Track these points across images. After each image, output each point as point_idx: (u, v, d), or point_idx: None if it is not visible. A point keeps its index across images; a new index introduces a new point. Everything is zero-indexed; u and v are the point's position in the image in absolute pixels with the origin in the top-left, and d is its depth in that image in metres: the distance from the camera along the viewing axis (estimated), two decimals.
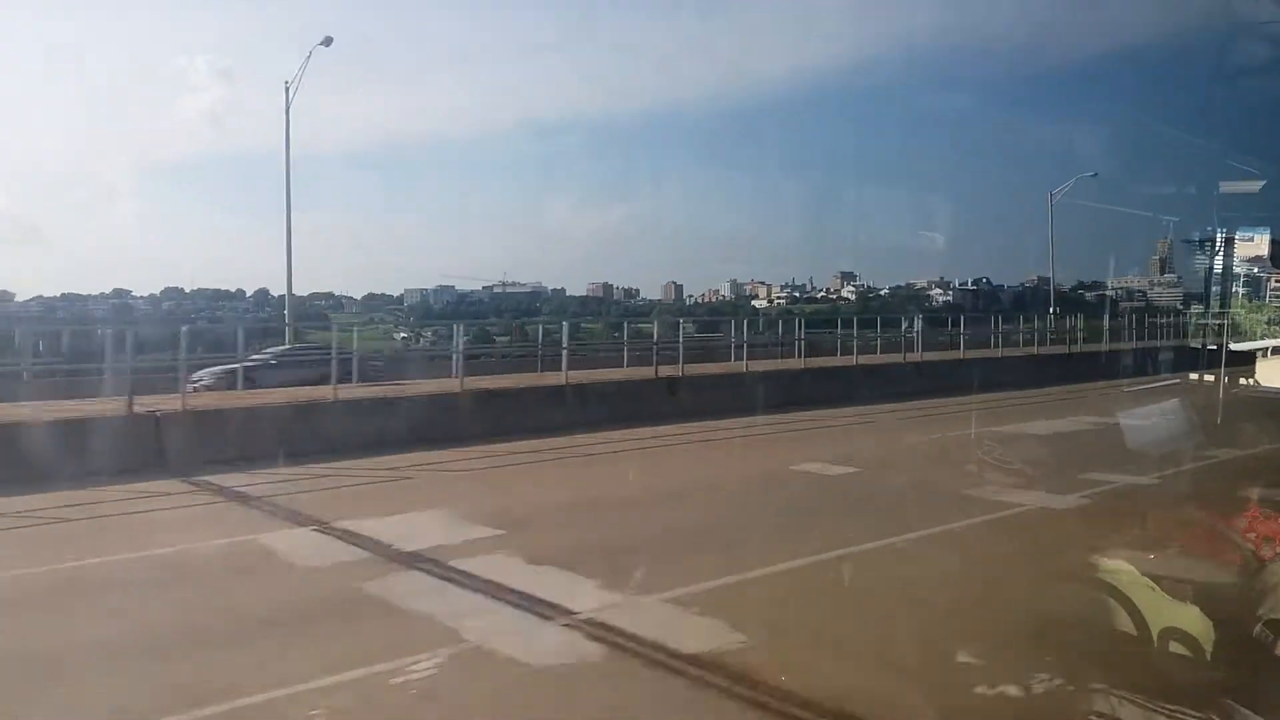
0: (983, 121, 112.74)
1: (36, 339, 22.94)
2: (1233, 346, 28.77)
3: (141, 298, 56.97)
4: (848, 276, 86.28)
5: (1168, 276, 76.93)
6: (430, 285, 67.39)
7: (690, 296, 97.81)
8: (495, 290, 76.49)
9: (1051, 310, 40.35)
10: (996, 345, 29.27)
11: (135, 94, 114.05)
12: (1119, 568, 5.32)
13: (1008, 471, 11.94)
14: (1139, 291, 74.98)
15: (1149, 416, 15.31)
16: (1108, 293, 76.92)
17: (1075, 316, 36.96)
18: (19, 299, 59.50)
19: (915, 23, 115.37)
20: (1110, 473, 12.35)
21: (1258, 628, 4.59)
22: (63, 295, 58.69)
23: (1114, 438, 13.74)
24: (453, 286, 68.18)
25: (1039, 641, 5.60)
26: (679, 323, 22.32)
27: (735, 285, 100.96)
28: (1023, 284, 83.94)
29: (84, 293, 58.71)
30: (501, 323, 53.07)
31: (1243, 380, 23.63)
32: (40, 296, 58.68)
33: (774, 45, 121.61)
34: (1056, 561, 7.60)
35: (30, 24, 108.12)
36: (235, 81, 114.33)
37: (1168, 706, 4.48)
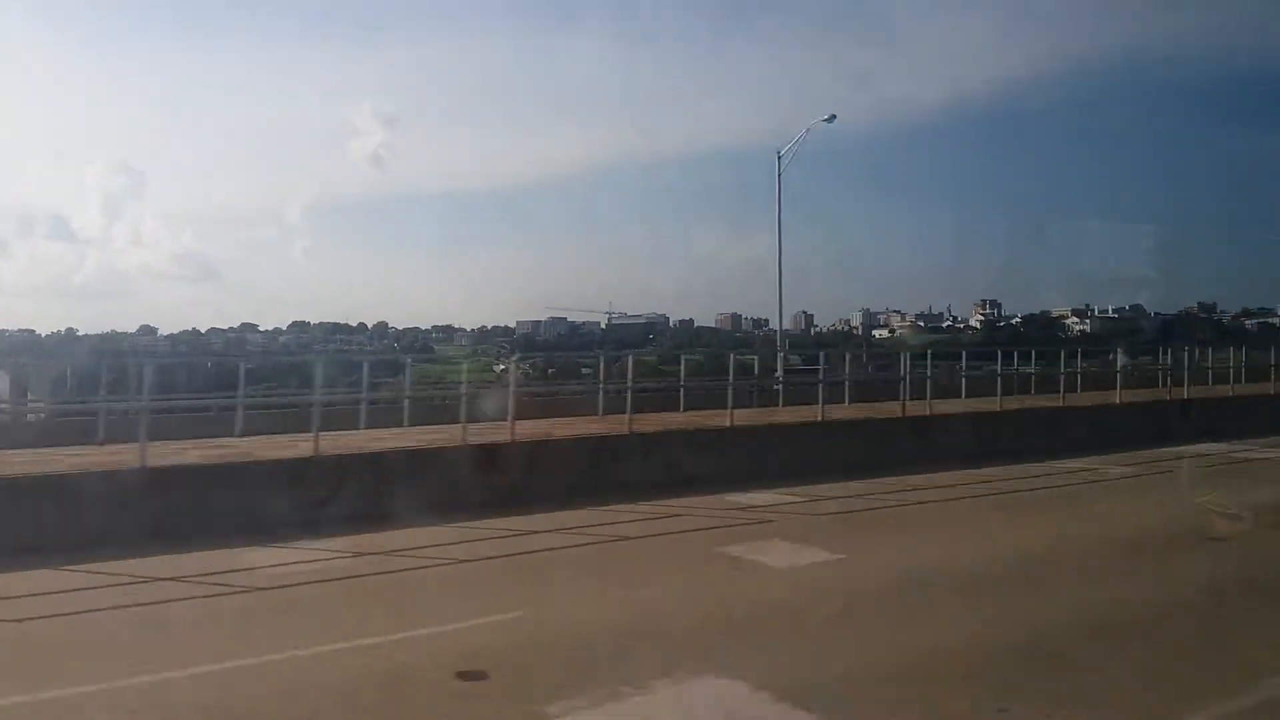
0: (1143, 137, 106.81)
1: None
2: None
3: (265, 331, 59.14)
4: (990, 304, 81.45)
5: None
6: (543, 317, 67.43)
7: (816, 326, 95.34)
8: (614, 320, 76.15)
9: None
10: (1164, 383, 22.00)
11: (306, 139, 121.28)
12: None
13: None
14: None
15: None
16: (1275, 321, 70.29)
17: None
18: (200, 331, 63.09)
19: (1069, 42, 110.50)
20: None
21: None
22: (208, 330, 61.86)
23: None
24: (565, 318, 67.93)
25: None
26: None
27: (868, 314, 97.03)
28: (1183, 310, 77.61)
29: (220, 326, 61.69)
30: (591, 356, 51.80)
31: None
32: (194, 329, 62.09)
33: (923, 68, 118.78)
34: None
35: (206, 73, 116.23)
36: (397, 126, 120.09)
37: None
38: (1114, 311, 61.43)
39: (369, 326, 62.86)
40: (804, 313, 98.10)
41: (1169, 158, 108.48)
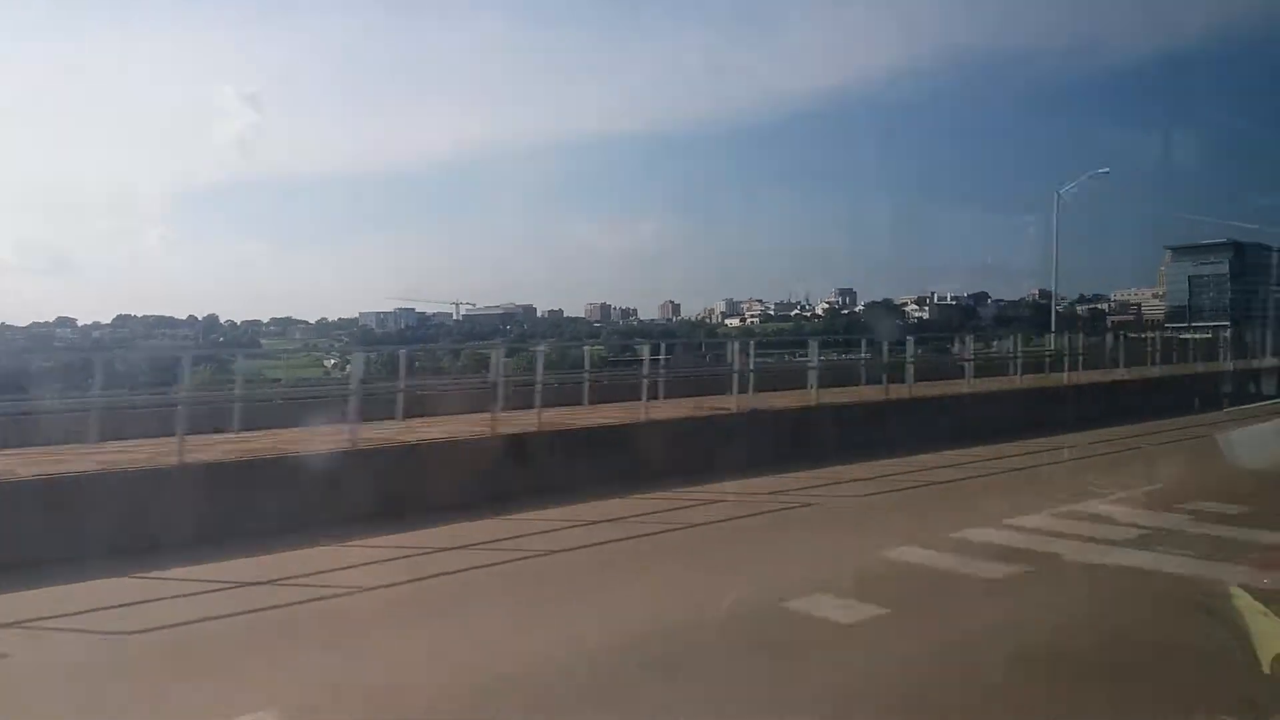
0: (994, 130, 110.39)
1: None
2: None
3: (82, 325, 55.63)
4: (844, 292, 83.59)
5: (1168, 288, 73.25)
6: (391, 308, 65.38)
7: (673, 318, 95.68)
8: (468, 311, 74.53)
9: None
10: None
11: (165, 121, 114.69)
12: (1232, 593, 5.24)
13: None
14: (1134, 305, 71.47)
15: None
16: (1103, 307, 73.61)
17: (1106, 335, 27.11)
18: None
19: (941, 37, 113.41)
20: None
21: None
22: (29, 324, 57.58)
23: None
24: (414, 309, 66.05)
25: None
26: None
27: (731, 304, 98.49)
28: (1023, 298, 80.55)
29: (41, 320, 57.59)
30: (426, 348, 50.02)
31: None
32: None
33: (800, 59, 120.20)
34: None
35: (60, 51, 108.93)
36: (261, 109, 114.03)
37: None
38: (952, 299, 63.10)
39: (199, 319, 59.89)
40: (671, 302, 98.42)
41: (1034, 150, 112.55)
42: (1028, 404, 19.31)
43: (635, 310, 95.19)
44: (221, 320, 60.86)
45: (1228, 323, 55.89)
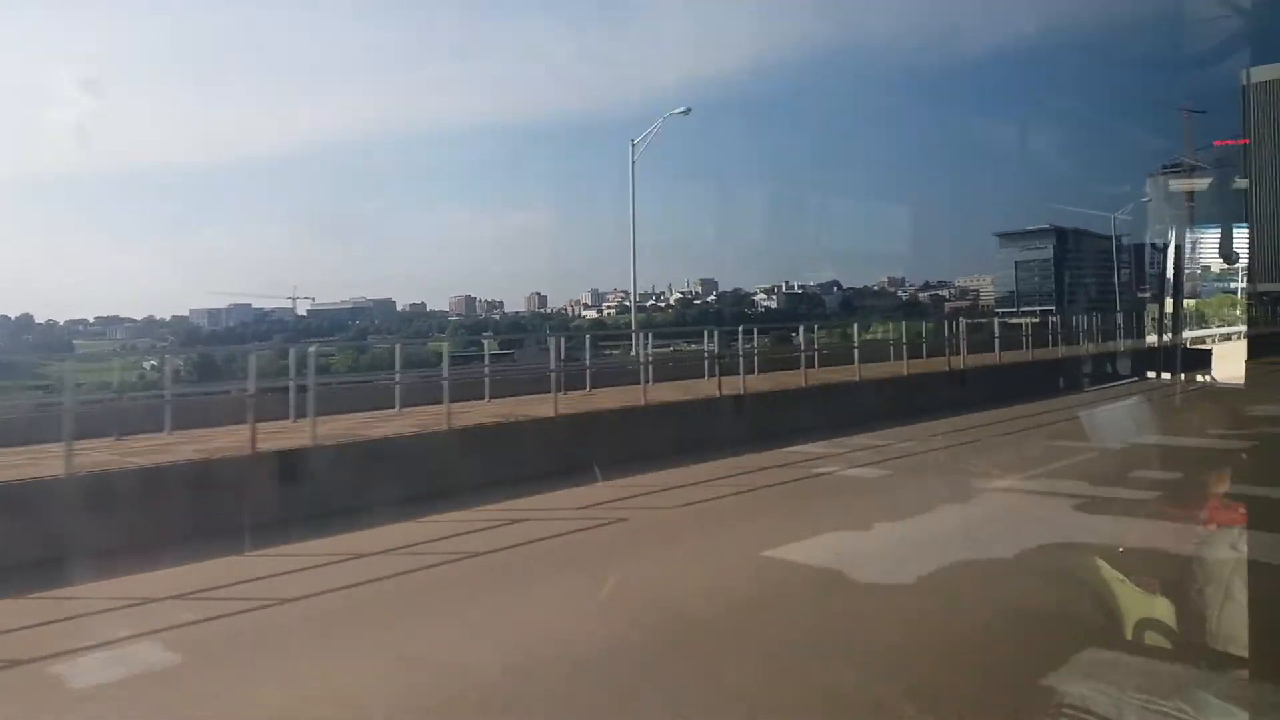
0: (855, 120, 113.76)
1: None
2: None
3: None
4: (708, 283, 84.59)
5: (997, 274, 76.90)
6: (225, 304, 62.21)
7: (539, 309, 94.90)
8: (312, 307, 71.70)
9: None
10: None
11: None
12: (1092, 562, 5.40)
13: None
14: (973, 291, 74.78)
15: None
16: (944, 293, 76.68)
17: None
18: None
19: (803, 30, 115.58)
20: None
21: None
22: None
23: None
24: (249, 305, 63.05)
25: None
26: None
27: (596, 294, 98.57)
28: (867, 285, 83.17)
29: None
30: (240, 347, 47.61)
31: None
32: None
33: (656, 58, 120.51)
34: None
35: None
36: (102, 94, 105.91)
37: (1138, 697, 4.38)
38: (800, 287, 64.43)
39: (12, 319, 55.58)
40: (538, 294, 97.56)
41: (896, 139, 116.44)
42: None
43: (502, 303, 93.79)
44: (40, 319, 56.76)
45: (1052, 307, 59.00)
